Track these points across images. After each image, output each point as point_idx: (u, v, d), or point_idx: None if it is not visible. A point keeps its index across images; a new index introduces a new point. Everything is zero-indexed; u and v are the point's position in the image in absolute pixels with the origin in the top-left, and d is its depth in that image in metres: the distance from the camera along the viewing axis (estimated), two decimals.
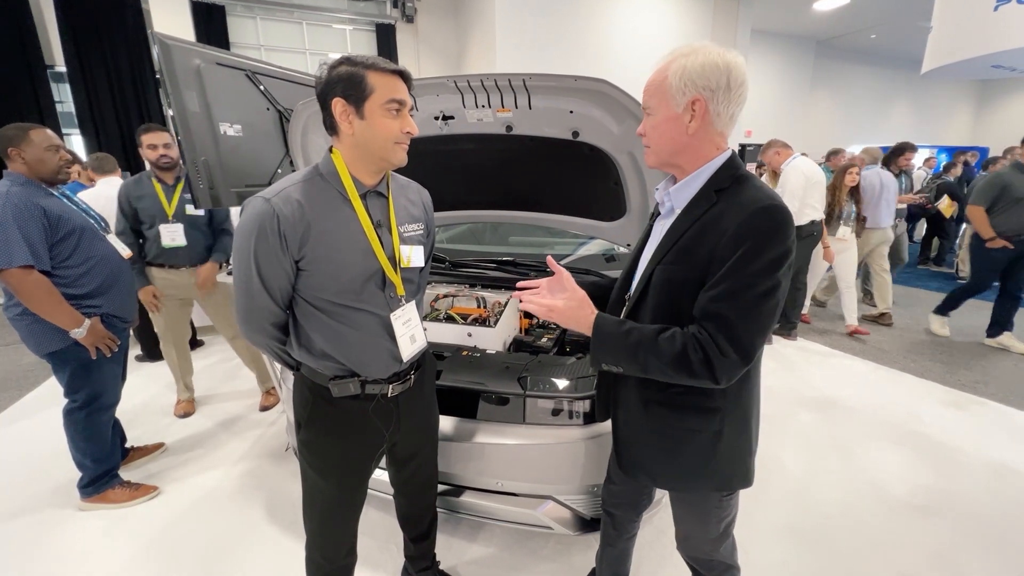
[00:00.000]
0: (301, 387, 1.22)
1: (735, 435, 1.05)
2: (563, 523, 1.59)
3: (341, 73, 1.00)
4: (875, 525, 1.98)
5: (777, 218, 0.88)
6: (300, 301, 1.11)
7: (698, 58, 0.90)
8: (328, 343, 1.13)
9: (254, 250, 1.02)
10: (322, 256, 1.06)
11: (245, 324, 1.14)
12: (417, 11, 8.63)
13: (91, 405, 2.01)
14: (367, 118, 1.02)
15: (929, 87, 14.77)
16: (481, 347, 1.84)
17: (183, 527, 2.00)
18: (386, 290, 1.14)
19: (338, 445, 1.22)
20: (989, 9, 4.30)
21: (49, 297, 1.77)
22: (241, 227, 1.04)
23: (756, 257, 0.86)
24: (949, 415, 2.85)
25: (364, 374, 1.17)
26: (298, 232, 1.03)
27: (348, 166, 1.09)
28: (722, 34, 8.89)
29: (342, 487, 1.27)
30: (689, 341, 0.90)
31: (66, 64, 7.07)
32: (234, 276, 1.09)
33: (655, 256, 1.02)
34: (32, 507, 2.11)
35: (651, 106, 0.97)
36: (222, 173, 2.02)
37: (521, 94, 1.59)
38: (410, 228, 1.23)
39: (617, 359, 1.00)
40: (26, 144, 1.82)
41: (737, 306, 0.88)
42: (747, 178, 0.95)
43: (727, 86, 0.90)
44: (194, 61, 1.89)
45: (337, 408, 1.18)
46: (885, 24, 11.34)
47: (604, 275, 2.15)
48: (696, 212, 0.96)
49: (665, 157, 1.00)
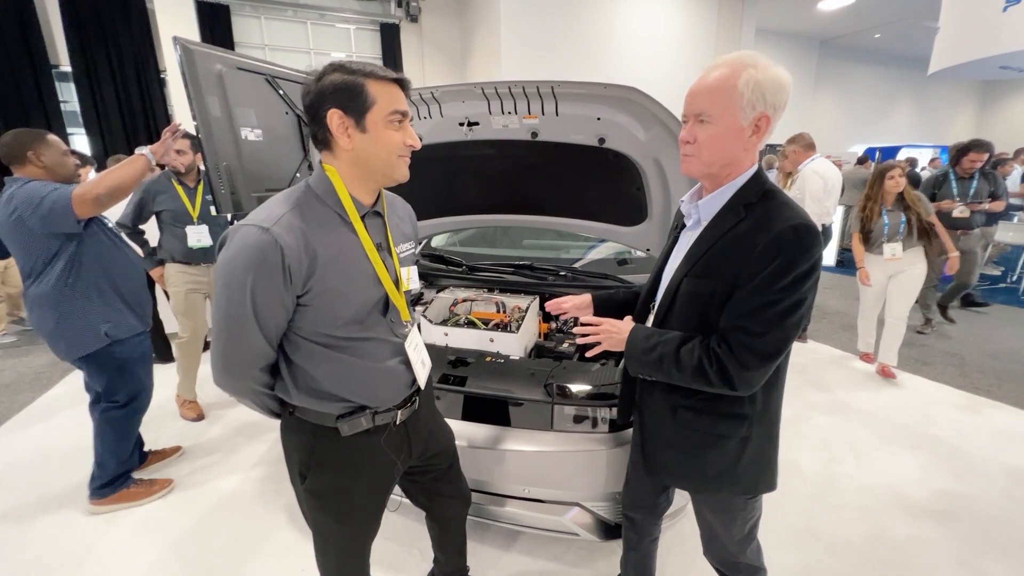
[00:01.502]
0: (297, 431, 1.08)
1: (762, 440, 1.07)
2: (589, 529, 1.60)
3: (336, 82, 0.90)
4: (896, 530, 1.98)
5: (806, 237, 0.90)
6: (297, 339, 0.99)
7: (768, 73, 0.88)
8: (334, 380, 1.01)
9: (251, 287, 0.88)
10: (329, 288, 0.95)
11: (228, 370, 0.99)
12: (421, 10, 8.62)
13: (130, 405, 2.04)
14: (369, 131, 0.92)
15: (932, 87, 14.76)
16: (504, 353, 1.84)
17: (202, 532, 2.00)
18: (388, 315, 1.06)
19: (352, 486, 1.11)
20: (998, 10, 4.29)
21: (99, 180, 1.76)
22: (232, 261, 0.89)
23: (783, 275, 0.89)
24: (964, 419, 2.86)
25: (375, 405, 1.07)
26: (304, 264, 0.90)
27: (346, 184, 0.98)
28: (727, 33, 8.89)
29: (360, 527, 1.18)
30: (705, 354, 0.95)
31: (71, 63, 7.05)
32: (218, 317, 0.94)
33: (682, 268, 1.04)
34: (49, 509, 2.11)
35: (712, 115, 0.92)
36: (243, 178, 2.02)
37: (548, 101, 1.59)
38: (404, 248, 1.16)
39: (648, 370, 1.07)
40: (45, 147, 1.82)
41: (760, 321, 0.91)
42: (774, 193, 0.97)
43: (784, 105, 0.91)
44: (216, 66, 1.88)
45: (346, 447, 1.06)
46: (889, 24, 11.33)
47: (622, 280, 2.15)
48: (724, 226, 0.97)
49: (715, 168, 0.98)
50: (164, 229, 2.66)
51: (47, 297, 1.81)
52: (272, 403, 1.09)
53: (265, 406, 1.09)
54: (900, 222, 3.03)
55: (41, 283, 1.81)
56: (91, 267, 1.88)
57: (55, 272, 1.82)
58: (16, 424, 2.87)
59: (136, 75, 7.41)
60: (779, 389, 1.08)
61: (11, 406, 3.06)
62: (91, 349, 1.89)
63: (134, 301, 2.02)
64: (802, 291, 0.91)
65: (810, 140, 3.71)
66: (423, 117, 1.80)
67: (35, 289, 1.82)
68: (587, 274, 2.25)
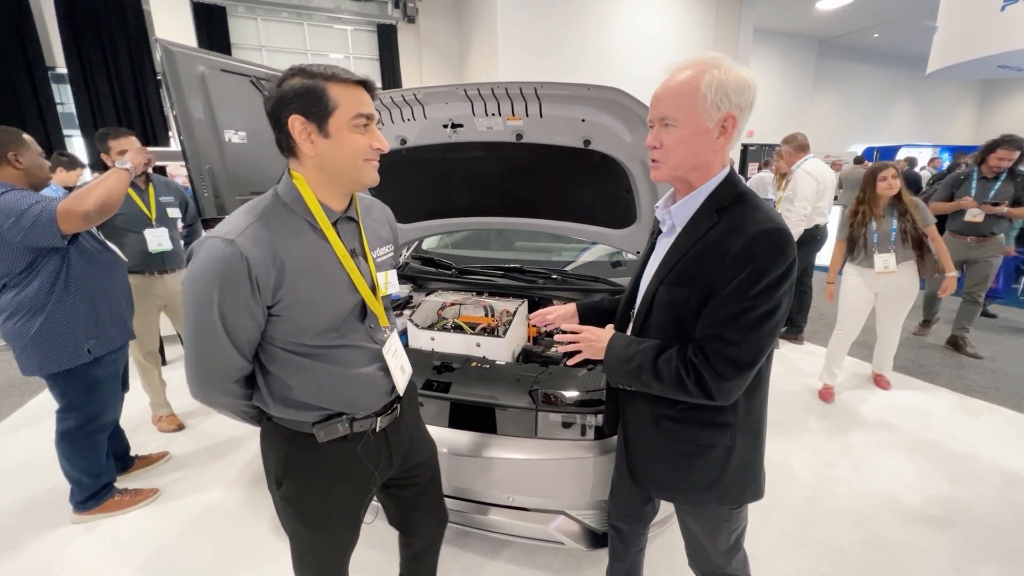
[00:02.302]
0: (274, 438, 1.07)
1: (747, 449, 1.06)
2: (575, 538, 1.57)
3: (296, 87, 0.87)
4: (889, 536, 1.95)
5: (779, 241, 0.88)
6: (272, 349, 0.98)
7: (731, 73, 0.88)
8: (310, 389, 1.00)
9: (218, 302, 0.87)
10: (300, 299, 0.93)
11: (202, 384, 0.99)
12: (419, 11, 8.60)
13: (90, 425, 1.95)
14: (332, 136, 0.90)
15: (932, 86, 14.74)
16: (490, 358, 1.81)
17: (187, 541, 1.97)
18: (366, 321, 1.05)
19: (327, 494, 1.08)
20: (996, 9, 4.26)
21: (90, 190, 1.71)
22: (197, 275, 0.88)
23: (756, 281, 0.87)
24: (961, 422, 2.83)
25: (352, 412, 1.05)
26: (271, 276, 0.89)
27: (314, 191, 0.95)
28: (725, 33, 8.87)
29: (336, 536, 1.15)
30: (683, 364, 0.93)
31: (67, 65, 7.04)
32: (188, 331, 0.93)
33: (657, 275, 1.03)
34: (33, 516, 2.09)
35: (676, 118, 0.91)
36: (227, 181, 1.99)
37: (532, 102, 1.57)
38: (382, 252, 1.13)
39: (627, 380, 1.05)
40: (24, 148, 1.75)
41: (736, 328, 0.90)
42: (747, 196, 0.96)
43: (750, 105, 0.91)
44: (198, 68, 1.86)
45: (320, 454, 1.04)
46: (888, 23, 11.31)
47: (613, 283, 2.13)
48: (698, 232, 0.96)
49: (683, 172, 0.97)
50: (117, 235, 2.37)
51: (27, 305, 1.73)
52: (251, 412, 1.08)
53: (244, 416, 1.09)
54: (892, 230, 2.68)
55: (22, 290, 1.73)
56: (79, 276, 1.81)
57: (39, 280, 1.73)
58: (4, 429, 2.85)
59: (132, 77, 7.40)
60: (762, 394, 1.06)
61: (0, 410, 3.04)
62: (69, 365, 1.81)
63: (119, 312, 1.97)
64: (776, 296, 0.89)
65: (804, 141, 3.70)
66: (407, 119, 1.78)
67: (14, 297, 1.73)
68: (577, 277, 2.22)
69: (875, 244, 2.71)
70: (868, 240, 2.73)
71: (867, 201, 2.75)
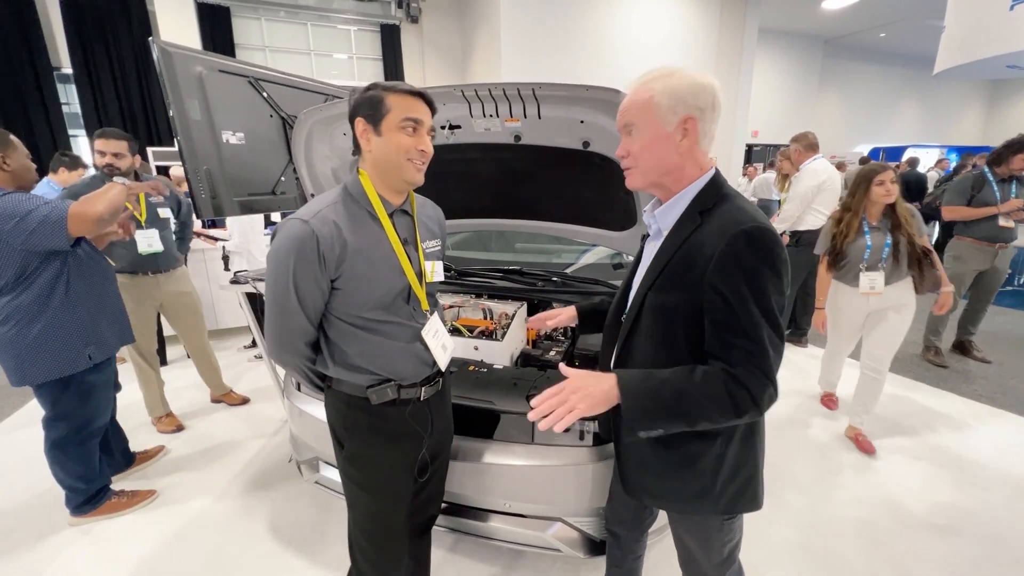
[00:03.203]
0: (335, 402, 1.24)
1: (740, 457, 1.03)
2: (572, 545, 1.55)
3: (367, 96, 1.07)
4: (892, 545, 1.92)
5: (759, 240, 0.86)
6: (333, 319, 1.15)
7: (683, 79, 0.91)
8: (363, 355, 1.16)
9: (293, 270, 1.05)
10: (358, 274, 1.10)
11: (278, 345, 1.17)
12: (422, 11, 8.59)
13: (83, 431, 1.92)
14: (384, 135, 1.06)
15: (939, 86, 14.61)
16: (488, 361, 1.80)
17: (183, 543, 1.96)
18: (410, 303, 1.19)
19: (382, 452, 1.24)
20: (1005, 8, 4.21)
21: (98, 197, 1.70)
22: (278, 248, 1.06)
23: (753, 288, 0.86)
24: (967, 428, 2.78)
25: (399, 379, 1.20)
26: (335, 252, 1.06)
27: (374, 186, 1.13)
28: (729, 33, 8.81)
29: (392, 496, 1.27)
30: (729, 381, 0.87)
31: (72, 65, 7.08)
32: (268, 297, 1.11)
33: (645, 280, 1.01)
34: (32, 519, 2.09)
35: (636, 124, 0.94)
36: (224, 182, 1.98)
37: (530, 103, 1.54)
38: (431, 244, 1.29)
39: (655, 421, 0.90)
40: (12, 150, 1.72)
41: (757, 337, 0.87)
42: (728, 197, 0.95)
43: (712, 106, 0.92)
44: (196, 68, 1.85)
45: (375, 416, 1.20)
46: (895, 23, 11.21)
47: (614, 286, 2.10)
48: (682, 235, 0.95)
49: (653, 178, 0.98)
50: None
51: (23, 312, 1.69)
52: (314, 376, 1.24)
53: (309, 378, 1.25)
54: (885, 244, 2.30)
55: (15, 297, 1.68)
56: (79, 282, 1.78)
57: (36, 285, 1.70)
58: (3, 428, 2.86)
59: (137, 77, 7.42)
60: None
61: (0, 410, 3.05)
62: (70, 372, 1.78)
63: (116, 316, 1.96)
64: (779, 298, 0.88)
65: (813, 140, 3.66)
66: None
67: (10, 301, 1.68)
68: (577, 279, 2.20)
69: (864, 260, 2.33)
70: (856, 255, 2.36)
71: (855, 209, 2.34)
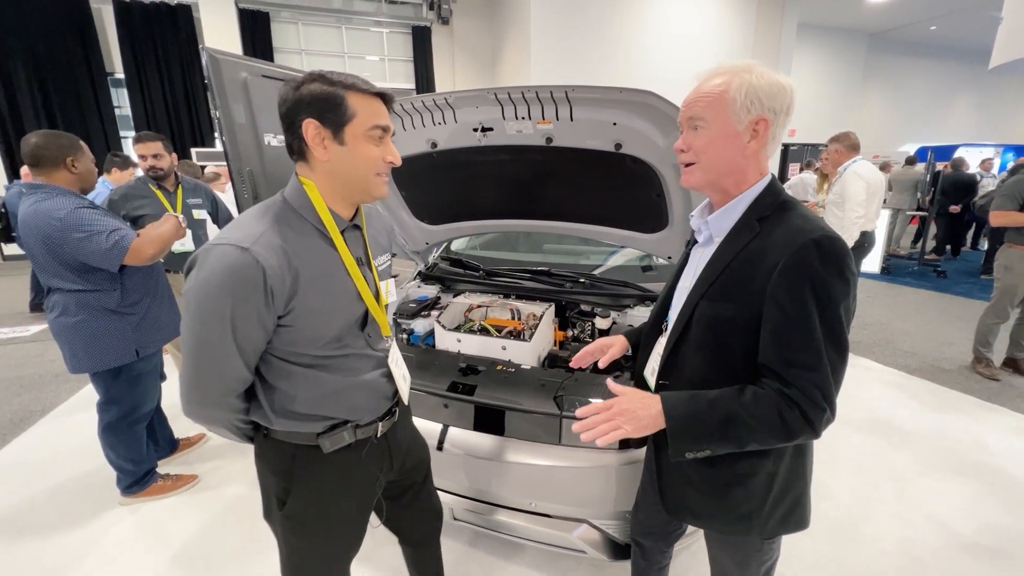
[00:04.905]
0: (275, 455, 1.03)
1: (791, 477, 0.98)
2: (597, 547, 1.55)
3: (315, 91, 0.86)
4: (936, 566, 1.84)
5: (830, 250, 0.82)
6: (273, 360, 0.94)
7: (762, 76, 0.86)
8: (314, 399, 0.98)
9: (231, 312, 0.84)
10: (311, 308, 0.91)
11: (202, 399, 0.94)
12: (452, 13, 8.69)
13: (131, 416, 2.06)
14: (348, 144, 0.89)
15: (995, 81, 13.75)
16: (516, 361, 1.81)
17: (222, 525, 2.06)
18: (366, 329, 1.02)
19: (335, 505, 1.07)
20: None
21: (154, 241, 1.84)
22: (208, 283, 0.83)
23: (820, 300, 0.82)
24: (1020, 445, 2.62)
25: (356, 419, 1.04)
26: (286, 285, 0.87)
27: (324, 198, 0.93)
28: (766, 29, 8.55)
29: (343, 546, 1.13)
30: (781, 402, 0.84)
31: (123, 70, 7.49)
32: (189, 345, 0.89)
33: (697, 289, 0.96)
34: (86, 497, 2.23)
35: (705, 119, 0.88)
36: (266, 183, 2.06)
37: (563, 106, 1.55)
38: (382, 260, 1.12)
39: (701, 442, 0.89)
40: (81, 155, 1.84)
41: (818, 352, 0.83)
42: (791, 205, 0.91)
43: (787, 110, 0.87)
44: (241, 74, 1.93)
45: (328, 465, 1.02)
46: (947, 15, 10.62)
47: (643, 288, 2.08)
48: (739, 243, 0.91)
49: (713, 177, 0.93)
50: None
51: (84, 304, 1.82)
52: (247, 428, 1.04)
53: (240, 432, 1.04)
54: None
55: (79, 290, 1.80)
56: (134, 279, 1.92)
57: (95, 281, 1.82)
58: (60, 412, 3.06)
59: (183, 81, 7.80)
60: None
61: (58, 394, 3.27)
62: (119, 364, 1.91)
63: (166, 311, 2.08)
64: (847, 312, 0.85)
65: (855, 140, 3.47)
66: (437, 123, 1.79)
67: (71, 294, 1.81)
68: (605, 281, 2.19)
69: None
70: None
71: None
